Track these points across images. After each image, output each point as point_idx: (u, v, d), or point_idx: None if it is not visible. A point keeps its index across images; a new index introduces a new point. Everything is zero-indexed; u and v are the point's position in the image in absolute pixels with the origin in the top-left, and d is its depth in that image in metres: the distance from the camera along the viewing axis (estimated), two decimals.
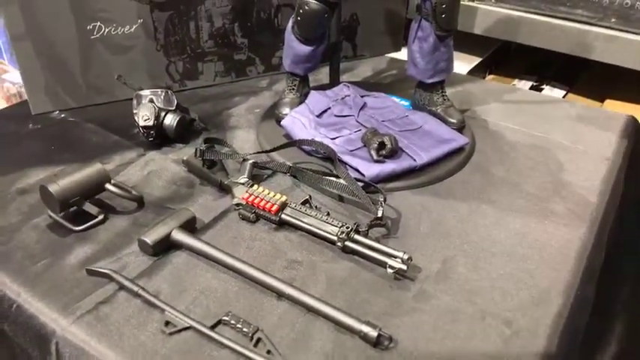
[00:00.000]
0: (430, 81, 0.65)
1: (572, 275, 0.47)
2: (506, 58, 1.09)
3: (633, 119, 0.72)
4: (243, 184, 0.55)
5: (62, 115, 0.69)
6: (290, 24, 0.64)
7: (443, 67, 0.64)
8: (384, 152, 0.57)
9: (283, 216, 0.51)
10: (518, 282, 0.46)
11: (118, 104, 0.70)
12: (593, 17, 0.90)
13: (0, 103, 1.56)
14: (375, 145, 0.57)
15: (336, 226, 0.49)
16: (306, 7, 0.60)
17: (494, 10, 0.96)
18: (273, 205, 0.51)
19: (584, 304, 0.48)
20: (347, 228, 0.48)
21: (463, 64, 1.05)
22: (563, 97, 1.03)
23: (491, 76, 1.11)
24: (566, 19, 0.92)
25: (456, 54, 1.11)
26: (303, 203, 0.53)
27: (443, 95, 0.66)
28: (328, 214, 0.51)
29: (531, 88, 1.06)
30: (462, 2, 1.00)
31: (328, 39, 0.67)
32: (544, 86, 1.06)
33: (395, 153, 0.58)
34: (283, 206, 0.52)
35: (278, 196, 0.52)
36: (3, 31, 1.98)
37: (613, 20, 0.88)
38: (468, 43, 1.03)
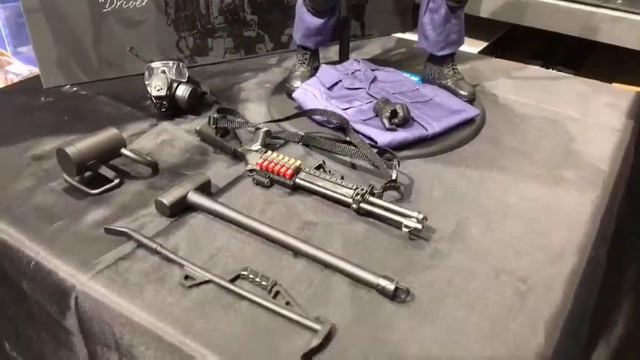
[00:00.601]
0: (441, 53, 0.65)
1: (586, 236, 0.48)
2: (513, 42, 1.09)
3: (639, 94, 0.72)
4: (256, 151, 0.55)
5: (74, 89, 0.69)
6: None
7: (454, 39, 0.64)
8: (396, 120, 0.58)
9: (298, 180, 0.52)
10: (532, 242, 0.47)
11: (129, 79, 0.71)
12: None
13: None
14: (388, 114, 0.58)
15: (351, 189, 0.49)
16: None
17: None
18: (288, 169, 0.52)
19: (597, 266, 0.48)
20: (362, 190, 0.49)
21: (470, 48, 1.06)
22: None
23: (498, 60, 1.11)
24: (572, 1, 0.92)
25: None
26: (317, 168, 0.53)
27: (453, 68, 0.66)
28: (342, 177, 0.52)
29: None
30: None
31: (339, 13, 0.68)
32: (551, 70, 1.06)
33: (407, 122, 0.58)
34: (298, 170, 0.52)
35: (292, 160, 0.53)
36: (6, 23, 1.99)
37: (619, 1, 0.89)
38: (475, 27, 1.03)
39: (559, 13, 0.93)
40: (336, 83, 0.66)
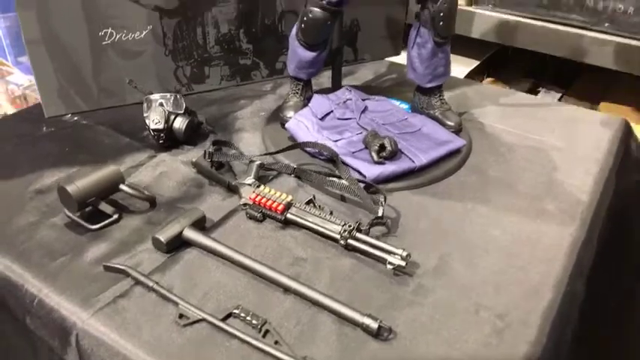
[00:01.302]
0: (429, 85, 0.67)
1: (563, 270, 0.50)
2: (504, 61, 1.11)
3: (625, 122, 0.74)
4: (250, 184, 0.57)
5: (75, 118, 0.72)
6: (294, 31, 0.67)
7: (441, 72, 0.66)
8: (384, 154, 0.60)
9: (289, 215, 0.54)
10: (511, 278, 0.49)
11: (128, 107, 0.73)
12: (587, 22, 0.92)
13: (5, 105, 1.59)
14: (376, 147, 0.60)
15: (339, 225, 0.52)
16: (310, 15, 0.63)
17: (491, 15, 0.99)
18: (279, 204, 0.54)
19: (573, 300, 0.51)
20: (349, 227, 0.51)
21: (461, 67, 1.08)
22: (559, 100, 1.06)
23: (488, 79, 1.13)
24: (561, 24, 0.94)
25: (454, 57, 1.13)
26: (308, 203, 0.55)
27: (441, 99, 0.69)
28: (331, 213, 0.54)
29: (527, 91, 1.09)
30: (460, 7, 1.03)
31: (330, 45, 0.70)
32: (540, 89, 1.09)
33: (395, 155, 0.61)
34: (289, 206, 0.54)
35: (284, 196, 0.55)
36: (7, 33, 2.01)
37: (606, 25, 0.91)
38: (466, 46, 1.06)
39: (548, 35, 0.96)
40: (328, 113, 0.68)
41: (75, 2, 0.66)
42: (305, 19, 0.63)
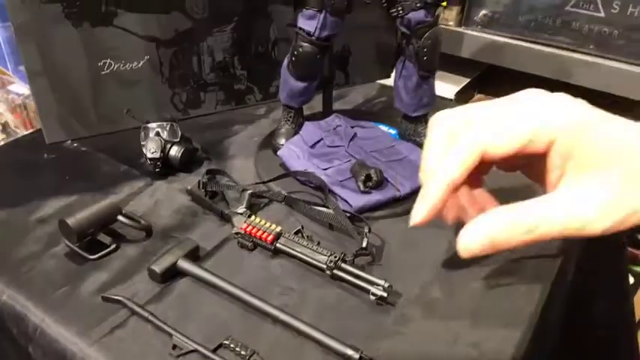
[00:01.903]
0: (414, 114, 0.70)
1: (540, 300, 0.52)
2: (494, 78, 1.14)
3: None
4: (241, 214, 0.60)
5: (74, 145, 0.75)
6: (285, 62, 0.69)
7: (426, 102, 0.69)
8: (370, 184, 0.63)
9: (278, 245, 0.57)
10: (489, 307, 0.52)
11: (126, 132, 0.76)
12: (573, 44, 0.95)
13: (5, 114, 1.61)
14: (362, 178, 0.63)
15: (325, 255, 0.54)
16: (300, 50, 0.66)
17: (480, 36, 1.02)
18: (269, 235, 0.57)
19: (549, 328, 0.53)
20: (335, 257, 0.54)
21: (453, 84, 1.11)
22: None
23: (479, 95, 1.16)
24: (548, 45, 0.97)
25: (445, 75, 1.17)
26: (296, 233, 0.58)
27: (427, 127, 0.71)
28: (319, 243, 0.57)
29: None
30: (450, 27, 1.06)
31: (321, 74, 0.72)
32: None
33: (380, 184, 0.63)
34: (278, 236, 0.57)
35: (273, 226, 0.58)
36: (7, 42, 2.04)
37: (591, 47, 0.94)
38: (457, 64, 1.09)
39: (534, 56, 0.98)
40: (318, 141, 0.71)
41: (75, 35, 0.69)
42: (295, 53, 0.66)
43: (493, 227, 0.38)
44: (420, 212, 0.41)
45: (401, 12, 0.61)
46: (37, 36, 0.67)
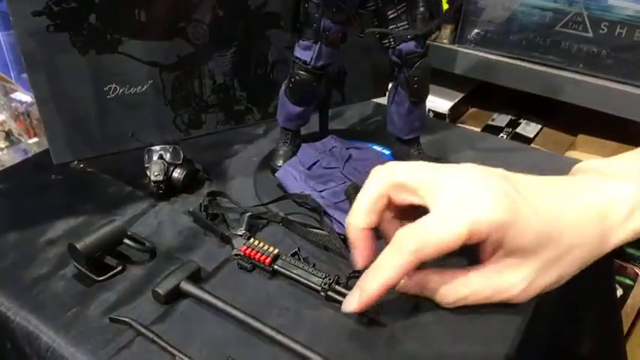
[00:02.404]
0: (407, 137, 0.73)
1: (524, 314, 0.55)
2: (487, 93, 1.17)
3: None
4: (241, 235, 0.64)
5: (81, 165, 0.78)
6: (283, 88, 0.72)
7: (417, 126, 0.72)
8: None
9: (276, 267, 0.60)
10: (473, 327, 0.55)
11: (130, 153, 0.79)
12: (562, 62, 0.98)
13: (8, 122, 1.64)
14: None
15: (320, 278, 0.58)
16: (297, 77, 0.69)
17: (473, 54, 1.05)
18: (267, 257, 0.60)
19: (536, 342, 0.57)
20: (329, 280, 0.57)
21: (447, 99, 1.14)
22: (539, 131, 1.12)
23: (472, 110, 1.19)
24: (538, 64, 1.00)
25: (440, 89, 1.20)
26: (293, 255, 0.61)
27: (418, 149, 0.74)
28: (314, 265, 0.60)
29: (509, 122, 1.14)
30: (444, 45, 1.09)
31: (318, 97, 0.76)
32: (521, 120, 1.14)
33: None
34: (276, 258, 0.60)
35: (271, 249, 0.61)
36: (10, 49, 2.07)
37: (581, 66, 0.97)
38: (451, 80, 1.12)
39: (525, 74, 1.02)
40: (315, 163, 0.74)
41: (81, 62, 0.72)
42: (292, 80, 0.69)
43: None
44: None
45: (392, 43, 0.64)
46: (45, 63, 0.70)
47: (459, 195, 0.47)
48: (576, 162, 0.82)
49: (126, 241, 0.61)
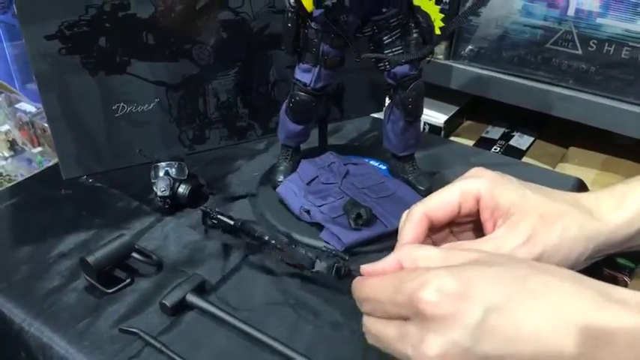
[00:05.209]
0: (402, 154, 0.76)
1: None
2: (481, 106, 1.20)
3: (580, 182, 0.83)
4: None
5: (90, 180, 0.81)
6: (284, 107, 0.76)
7: (412, 144, 0.76)
8: (360, 222, 0.69)
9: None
10: None
11: (137, 168, 0.82)
12: (553, 78, 1.01)
13: (13, 131, 1.68)
14: (353, 216, 0.69)
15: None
16: (297, 98, 0.72)
17: (467, 69, 1.08)
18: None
19: None
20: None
21: (442, 112, 1.17)
22: (532, 144, 1.15)
23: (467, 123, 1.23)
24: (529, 79, 1.03)
25: (436, 102, 1.23)
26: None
27: (413, 165, 0.78)
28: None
29: (503, 134, 1.18)
30: (439, 61, 1.12)
31: (317, 114, 0.79)
32: (514, 133, 1.18)
33: (370, 222, 0.70)
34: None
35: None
36: (15, 60, 2.10)
37: (571, 82, 1.00)
38: (447, 94, 1.15)
39: (518, 89, 1.05)
40: (314, 178, 0.77)
41: (91, 82, 0.75)
42: (293, 100, 0.73)
43: None
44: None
45: (388, 67, 0.68)
46: (56, 84, 0.74)
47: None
48: (567, 177, 0.86)
49: (134, 254, 0.65)
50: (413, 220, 0.48)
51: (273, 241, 0.63)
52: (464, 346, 0.33)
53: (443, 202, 0.49)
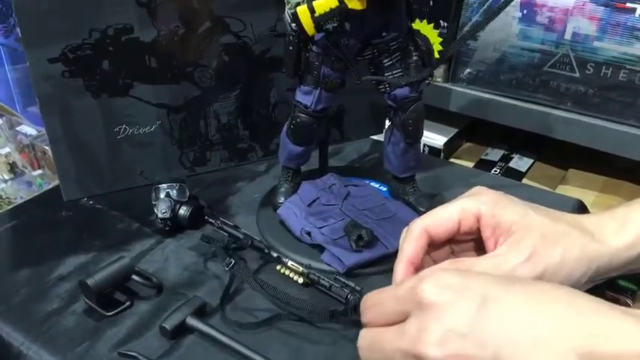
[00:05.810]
0: (402, 176, 0.77)
1: None
2: (481, 128, 1.21)
3: (580, 203, 0.83)
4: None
5: (90, 202, 0.81)
6: (285, 129, 0.76)
7: (412, 166, 0.76)
8: (361, 243, 0.69)
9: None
10: None
11: (138, 190, 0.82)
12: (551, 101, 1.02)
13: (13, 154, 1.68)
14: (354, 237, 0.69)
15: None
16: (298, 120, 0.73)
17: (465, 92, 1.09)
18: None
19: None
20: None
21: (442, 134, 1.18)
22: (531, 166, 1.15)
23: (467, 145, 1.23)
24: (528, 102, 1.04)
25: (435, 125, 1.24)
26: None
27: (414, 186, 0.78)
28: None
29: (502, 156, 1.18)
30: (438, 84, 1.13)
31: (318, 136, 0.79)
32: (514, 155, 1.18)
33: (371, 243, 0.69)
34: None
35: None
36: (17, 84, 2.12)
37: (569, 104, 1.01)
38: (447, 116, 1.16)
39: (517, 112, 1.05)
40: (315, 200, 0.77)
41: (94, 105, 0.76)
42: (294, 122, 0.73)
43: None
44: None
45: (388, 89, 0.68)
46: (59, 106, 0.74)
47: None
48: (567, 198, 0.86)
49: (134, 277, 0.64)
50: (413, 234, 0.48)
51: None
52: (463, 332, 0.34)
53: (443, 218, 0.49)
